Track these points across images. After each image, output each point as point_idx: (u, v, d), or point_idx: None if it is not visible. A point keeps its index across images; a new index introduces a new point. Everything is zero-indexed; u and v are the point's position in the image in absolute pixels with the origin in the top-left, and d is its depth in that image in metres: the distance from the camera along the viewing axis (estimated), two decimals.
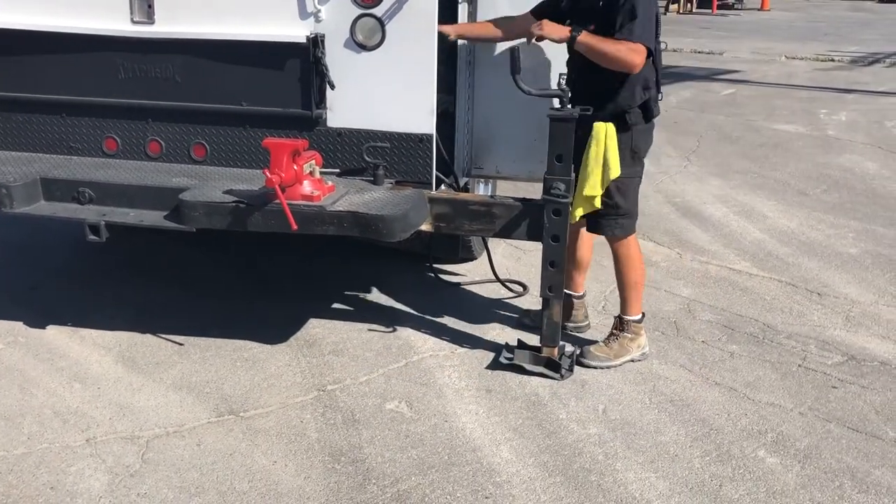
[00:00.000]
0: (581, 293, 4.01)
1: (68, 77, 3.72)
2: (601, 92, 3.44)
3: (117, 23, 3.60)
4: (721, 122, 8.86)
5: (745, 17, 23.04)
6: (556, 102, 3.36)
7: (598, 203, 3.50)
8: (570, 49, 3.47)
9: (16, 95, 3.79)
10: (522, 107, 3.73)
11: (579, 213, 3.54)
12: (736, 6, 26.27)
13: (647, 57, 3.35)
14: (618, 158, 3.45)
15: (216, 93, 3.62)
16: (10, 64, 3.76)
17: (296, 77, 3.53)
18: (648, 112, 3.55)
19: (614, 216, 3.59)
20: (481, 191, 4.76)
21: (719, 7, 24.96)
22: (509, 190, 4.89)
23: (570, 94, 3.32)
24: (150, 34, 3.59)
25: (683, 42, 16.48)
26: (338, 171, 3.59)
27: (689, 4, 24.77)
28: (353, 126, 3.57)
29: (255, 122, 3.64)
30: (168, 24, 3.58)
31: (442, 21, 3.49)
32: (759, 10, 25.94)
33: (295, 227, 3.14)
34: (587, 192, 3.46)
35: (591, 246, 3.97)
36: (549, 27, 3.44)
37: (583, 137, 3.44)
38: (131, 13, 3.60)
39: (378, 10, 3.40)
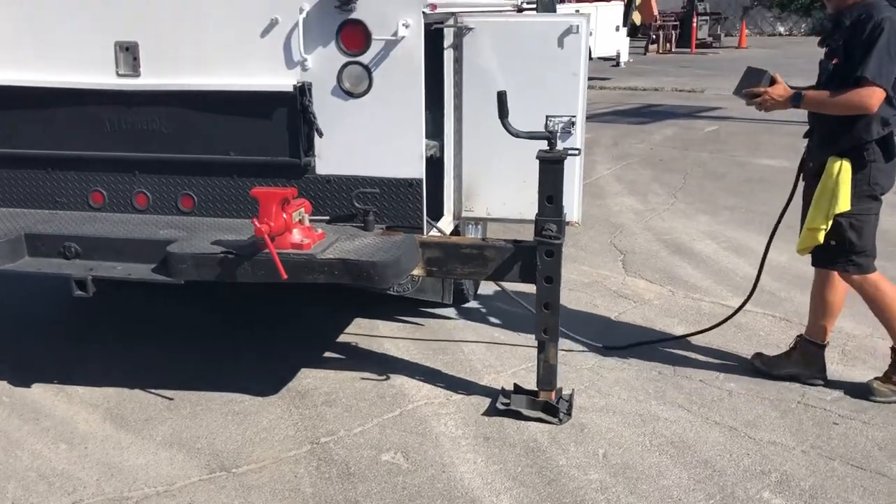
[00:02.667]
0: (826, 342, 3.87)
1: (53, 132, 3.70)
2: (836, 128, 3.44)
3: (103, 77, 3.59)
4: (706, 159, 8.93)
5: (723, 55, 23.47)
6: (544, 144, 3.36)
7: (820, 237, 3.49)
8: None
9: (0, 151, 3.76)
10: (510, 148, 3.73)
11: (802, 246, 3.56)
12: (714, 45, 26.79)
13: (886, 96, 3.30)
14: (848, 194, 3.43)
15: (203, 143, 3.60)
16: None
17: (283, 126, 3.52)
18: (889, 149, 3.44)
19: (847, 253, 3.55)
20: (471, 233, 4.74)
21: (698, 46, 25.43)
22: (499, 232, 4.87)
23: (558, 135, 3.32)
24: (135, 87, 3.58)
25: (664, 81, 16.75)
26: (327, 218, 3.57)
27: (668, 44, 25.24)
28: (341, 173, 3.55)
29: (243, 172, 3.61)
30: (154, 77, 3.57)
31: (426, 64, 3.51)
32: (736, 47, 26.46)
33: (285, 276, 3.09)
34: (809, 224, 3.49)
35: (845, 291, 3.77)
36: (773, 89, 3.50)
37: (813, 172, 3.47)
38: (116, 67, 3.59)
39: (364, 58, 3.41)
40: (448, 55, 3.93)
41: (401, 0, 3.37)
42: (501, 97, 3.29)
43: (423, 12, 3.34)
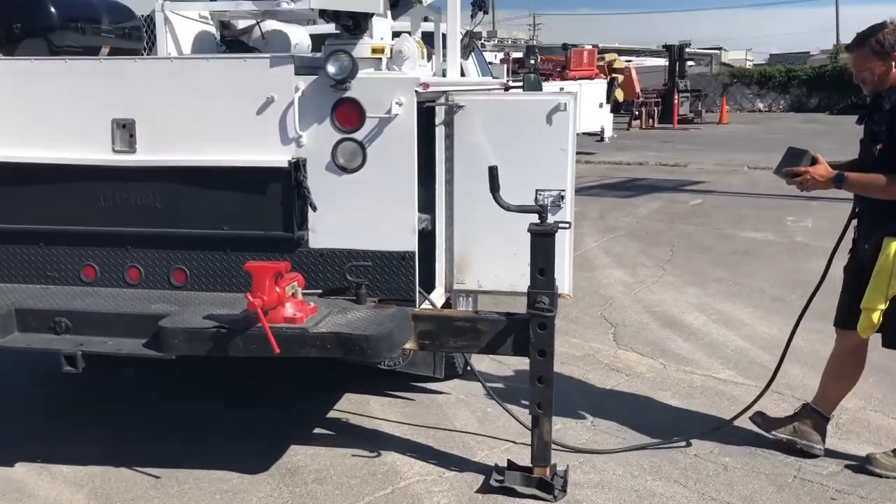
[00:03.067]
0: (831, 415, 3.87)
1: (47, 207, 3.71)
2: (888, 208, 3.45)
3: (98, 153, 3.64)
4: (691, 232, 9.04)
5: (704, 131, 24.03)
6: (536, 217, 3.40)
7: (875, 318, 3.45)
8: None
9: None
10: (501, 222, 3.78)
11: (863, 326, 3.51)
12: (695, 120, 27.45)
13: None
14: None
15: (197, 218, 3.62)
16: None
17: (278, 200, 3.56)
18: None
19: None
20: (463, 306, 4.74)
21: (679, 122, 26.05)
22: (490, 304, 4.88)
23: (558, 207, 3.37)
24: (131, 163, 3.63)
25: (648, 156, 17.08)
26: (320, 291, 3.57)
27: (650, 120, 25.83)
28: (334, 246, 3.57)
29: (236, 246, 3.63)
30: (150, 153, 3.62)
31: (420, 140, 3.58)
32: (717, 123, 27.11)
33: (277, 350, 3.08)
34: (866, 304, 3.47)
35: (864, 364, 3.81)
36: (815, 170, 3.53)
37: (870, 252, 3.48)
38: (113, 143, 3.64)
39: (359, 135, 3.48)
40: (440, 132, 4.01)
41: (394, 80, 3.47)
42: (493, 172, 3.35)
43: (416, 91, 3.43)
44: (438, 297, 4.08)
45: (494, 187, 3.36)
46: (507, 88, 5.73)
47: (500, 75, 16.24)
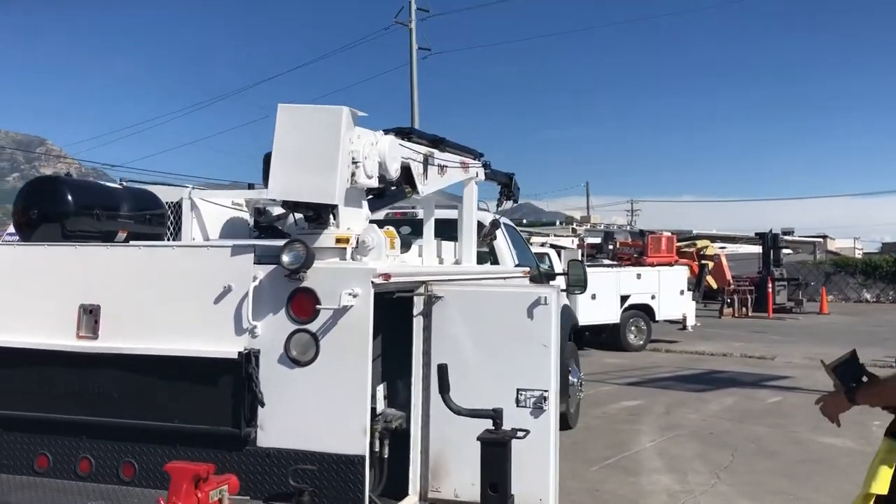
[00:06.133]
0: None
1: (7, 392, 3.65)
2: None
3: (63, 338, 3.60)
4: (761, 434, 8.23)
5: (802, 322, 22.82)
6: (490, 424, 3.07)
7: None
8: None
9: None
10: (481, 422, 3.44)
11: None
12: (794, 310, 26.19)
13: None
14: (887, 477, 2.96)
15: (149, 409, 3.48)
16: None
17: (228, 394, 3.38)
18: None
19: None
20: None
21: (776, 311, 24.90)
22: None
23: (502, 415, 3.04)
24: (92, 349, 3.56)
25: (734, 346, 16.20)
26: (264, 498, 3.28)
27: (743, 309, 24.82)
28: (282, 446, 3.32)
29: (185, 441, 3.43)
30: (111, 340, 3.55)
31: (397, 333, 3.37)
32: (817, 313, 25.78)
33: None
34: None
35: None
36: (827, 403, 3.18)
37: None
38: (78, 329, 3.60)
39: (313, 326, 3.32)
40: (418, 323, 3.81)
41: (349, 269, 3.34)
42: (442, 370, 3.10)
43: (373, 282, 3.27)
44: None
45: (444, 387, 3.09)
46: (538, 278, 5.54)
47: (575, 258, 16.18)
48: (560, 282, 8.20)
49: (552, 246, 17.59)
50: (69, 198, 4.34)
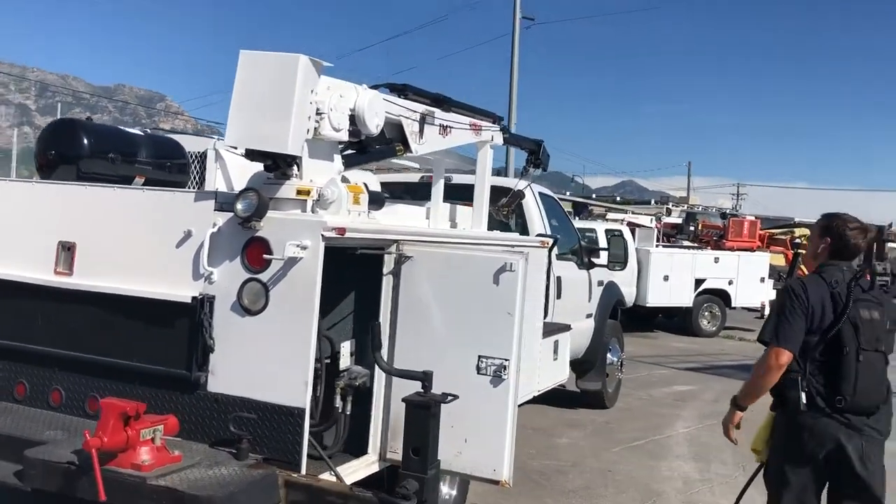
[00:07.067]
0: None
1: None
2: None
3: (42, 272, 3.71)
4: None
5: None
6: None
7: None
8: None
9: None
10: (447, 384, 3.36)
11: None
12: None
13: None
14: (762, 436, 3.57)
15: (114, 347, 3.54)
16: None
17: (183, 337, 3.40)
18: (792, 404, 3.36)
19: None
20: (446, 492, 4.20)
21: None
22: None
23: (432, 378, 2.94)
24: (67, 285, 3.65)
25: None
26: (210, 443, 3.30)
27: None
28: (229, 392, 3.32)
29: (143, 380, 3.49)
30: (84, 277, 3.63)
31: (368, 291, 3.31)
32: None
33: (102, 496, 2.82)
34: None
35: None
36: (723, 421, 3.68)
37: None
38: (56, 265, 3.70)
39: (264, 276, 3.29)
40: (386, 282, 3.74)
41: (300, 221, 3.29)
42: (374, 329, 3.02)
43: (323, 235, 3.21)
44: (367, 464, 3.67)
45: (375, 345, 3.01)
46: (551, 248, 5.37)
47: (650, 238, 15.68)
48: (603, 257, 7.96)
49: (629, 223, 17.06)
50: (84, 141, 4.45)
